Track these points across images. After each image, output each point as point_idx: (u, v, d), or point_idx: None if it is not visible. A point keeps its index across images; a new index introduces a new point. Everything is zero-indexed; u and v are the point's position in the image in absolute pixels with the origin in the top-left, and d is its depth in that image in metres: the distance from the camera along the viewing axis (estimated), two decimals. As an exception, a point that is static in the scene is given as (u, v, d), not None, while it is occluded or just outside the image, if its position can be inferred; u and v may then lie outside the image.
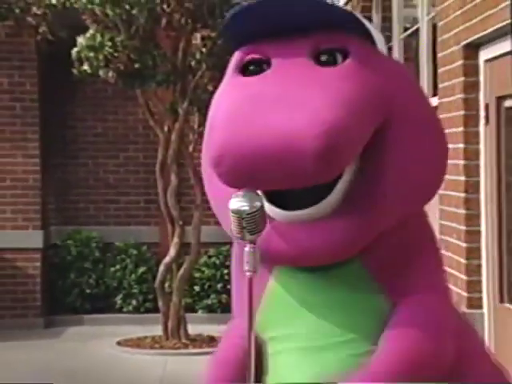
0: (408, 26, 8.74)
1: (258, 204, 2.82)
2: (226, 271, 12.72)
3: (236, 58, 3.13)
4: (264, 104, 2.94)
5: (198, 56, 10.75)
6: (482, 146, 5.93)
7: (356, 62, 2.98)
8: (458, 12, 6.04)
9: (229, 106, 2.95)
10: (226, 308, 12.60)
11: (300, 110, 2.85)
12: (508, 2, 4.99)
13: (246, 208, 2.82)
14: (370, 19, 8.41)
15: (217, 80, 11.08)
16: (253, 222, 2.84)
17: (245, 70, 3.08)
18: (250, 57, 3.07)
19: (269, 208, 2.95)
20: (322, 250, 2.93)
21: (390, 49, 7.47)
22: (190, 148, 11.24)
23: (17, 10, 10.99)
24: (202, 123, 11.28)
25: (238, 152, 2.85)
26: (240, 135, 2.86)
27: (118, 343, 11.48)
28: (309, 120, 2.79)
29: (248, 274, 2.91)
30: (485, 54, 5.85)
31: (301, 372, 3.07)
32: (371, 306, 3.04)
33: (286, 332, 3.06)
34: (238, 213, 2.83)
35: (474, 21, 5.66)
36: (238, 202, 2.83)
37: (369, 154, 2.95)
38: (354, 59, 2.97)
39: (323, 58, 2.98)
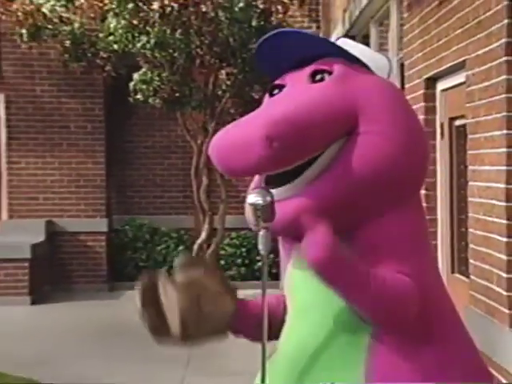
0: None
1: (268, 199, 2.84)
2: (243, 250, 12.74)
3: (271, 85, 3.14)
4: (245, 118, 2.95)
5: (223, 87, 10.73)
6: (438, 155, 5.86)
7: (333, 79, 2.94)
8: (420, 54, 5.99)
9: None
10: (244, 278, 12.58)
11: (264, 113, 2.87)
12: (459, 46, 4.98)
13: (260, 202, 2.83)
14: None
15: (237, 105, 11.11)
16: (265, 213, 2.86)
17: (271, 92, 3.10)
18: (273, 83, 3.10)
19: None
20: (279, 222, 2.81)
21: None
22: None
23: (89, 54, 10.98)
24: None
25: (212, 151, 2.88)
26: (216, 140, 2.87)
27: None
28: (263, 118, 2.79)
29: (262, 252, 2.94)
30: (440, 86, 5.80)
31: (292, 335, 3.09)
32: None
33: (294, 298, 3.06)
34: (254, 205, 2.85)
35: (432, 61, 5.62)
36: (253, 197, 2.85)
37: (343, 147, 2.94)
38: (332, 77, 2.94)
39: (317, 77, 2.96)
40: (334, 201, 2.90)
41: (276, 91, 3.06)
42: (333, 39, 3.14)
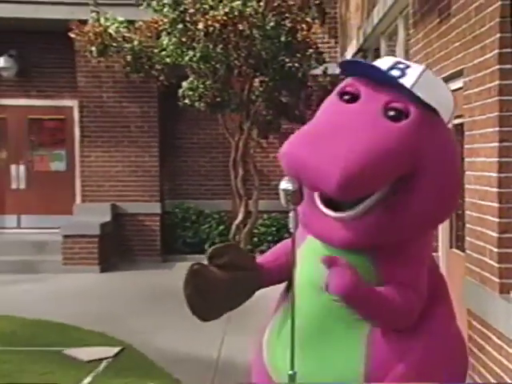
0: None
1: (296, 186, 2.80)
2: (273, 229, 12.73)
3: (341, 85, 2.97)
4: (324, 137, 2.77)
5: (256, 93, 10.70)
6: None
7: (407, 124, 2.75)
8: (422, 62, 5.95)
9: (311, 127, 2.88)
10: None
11: (340, 148, 2.68)
12: (458, 57, 4.91)
13: (290, 188, 2.80)
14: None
15: (268, 108, 11.04)
16: (294, 197, 2.82)
17: (341, 95, 2.94)
18: (347, 88, 2.92)
19: (323, 207, 2.90)
20: (336, 240, 2.86)
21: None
22: (251, 151, 11.20)
23: (146, 67, 11.00)
24: (259, 135, 11.30)
25: (291, 156, 2.80)
26: (298, 147, 2.79)
27: (207, 273, 11.44)
28: (339, 163, 2.63)
29: (292, 229, 2.89)
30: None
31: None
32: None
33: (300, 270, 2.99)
34: (285, 191, 2.82)
35: (434, 69, 5.56)
36: (285, 183, 2.82)
37: (397, 189, 2.83)
38: (408, 122, 2.75)
39: (390, 113, 2.77)
40: (382, 231, 2.84)
41: (347, 97, 2.92)
42: (411, 78, 2.80)
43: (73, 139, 13.58)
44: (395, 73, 2.84)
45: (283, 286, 3.33)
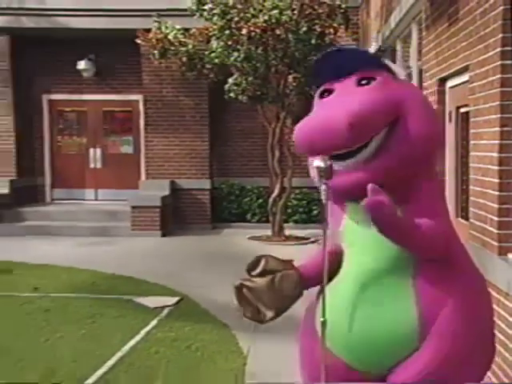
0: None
1: (328, 163, 2.77)
2: (304, 202, 12.72)
3: (319, 90, 3.05)
4: (323, 108, 2.91)
5: (290, 87, 10.64)
6: (447, 134, 5.77)
7: (378, 83, 2.89)
8: (434, 61, 5.86)
9: (307, 117, 2.93)
10: (304, 221, 12.59)
11: (340, 106, 2.76)
12: (464, 54, 4.82)
13: (322, 165, 2.77)
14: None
15: (300, 100, 10.97)
16: (326, 173, 2.79)
17: (322, 95, 3.01)
18: (323, 89, 3.02)
19: (334, 163, 2.89)
20: (350, 184, 2.84)
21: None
22: (286, 137, 11.16)
23: (198, 66, 11.03)
24: (292, 123, 11.25)
25: (299, 136, 2.84)
26: (301, 127, 2.83)
27: (249, 238, 11.44)
28: (343, 110, 2.71)
29: (324, 201, 2.86)
30: (449, 84, 5.66)
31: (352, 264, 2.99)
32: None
33: (351, 245, 2.98)
34: (318, 168, 2.79)
35: (443, 66, 5.49)
36: (318, 161, 2.79)
37: (388, 133, 2.87)
38: (377, 82, 2.90)
39: (362, 82, 2.91)
40: (386, 172, 2.84)
41: (325, 94, 3.01)
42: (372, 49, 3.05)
43: (138, 127, 13.67)
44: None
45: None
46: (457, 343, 2.81)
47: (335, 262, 3.01)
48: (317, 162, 2.80)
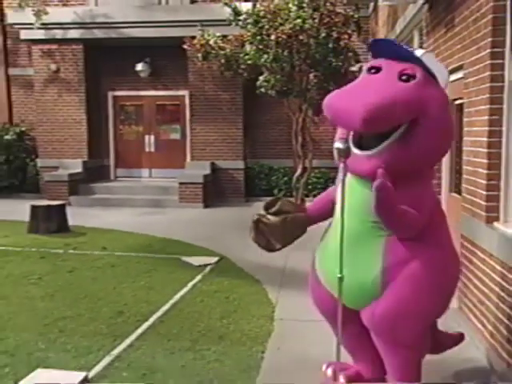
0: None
1: (346, 145, 2.76)
2: (322, 180, 12.64)
3: (368, 63, 3.02)
4: (353, 89, 2.86)
5: (311, 84, 10.54)
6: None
7: (414, 83, 2.82)
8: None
9: (344, 88, 2.91)
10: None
11: (364, 97, 2.72)
12: (459, 55, 4.74)
13: (342, 147, 2.76)
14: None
15: (320, 95, 10.84)
16: (345, 153, 2.78)
17: (369, 70, 2.97)
18: (371, 65, 2.98)
19: (354, 149, 2.89)
20: (364, 171, 2.86)
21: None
22: (307, 125, 11.08)
23: (234, 67, 10.96)
24: (312, 114, 11.15)
25: (327, 107, 2.84)
26: (331, 100, 2.82)
27: (276, 209, 11.45)
28: (363, 102, 2.68)
29: (341, 177, 2.85)
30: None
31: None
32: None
33: (341, 204, 2.98)
34: (338, 149, 2.78)
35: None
36: (338, 143, 2.79)
37: (408, 130, 2.83)
38: (415, 82, 2.83)
39: (403, 77, 2.85)
40: (396, 164, 2.83)
41: (373, 71, 2.95)
42: (419, 52, 2.98)
43: (185, 117, 13.67)
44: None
45: (330, 219, 3.33)
46: (408, 297, 2.87)
47: (331, 207, 3.20)
48: (337, 144, 2.80)
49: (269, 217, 3.27)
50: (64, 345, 4.27)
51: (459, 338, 3.64)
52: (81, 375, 3.66)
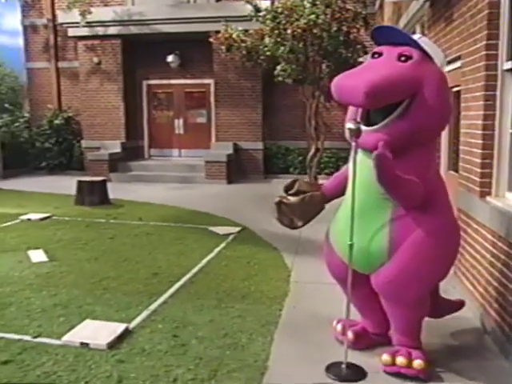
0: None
1: (357, 125, 2.75)
2: (333, 159, 12.56)
3: (373, 51, 3.00)
4: (357, 70, 2.84)
5: (324, 73, 10.43)
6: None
7: (411, 63, 2.81)
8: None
9: (351, 70, 2.90)
10: (333, 173, 12.49)
11: (365, 76, 2.71)
12: (457, 47, 4.66)
13: (353, 127, 2.76)
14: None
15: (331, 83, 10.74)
16: (356, 133, 2.78)
17: (373, 55, 2.97)
18: (375, 50, 2.98)
19: (362, 126, 2.87)
20: (370, 145, 2.80)
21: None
22: (320, 110, 10.98)
23: (255, 58, 10.86)
24: (324, 100, 11.04)
25: (334, 87, 2.79)
26: (338, 81, 2.79)
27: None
28: (364, 80, 2.66)
29: (352, 155, 2.84)
30: (445, 69, 5.50)
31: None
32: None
33: (352, 179, 2.96)
34: (350, 129, 2.78)
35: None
36: (350, 124, 2.79)
37: (409, 105, 2.82)
38: (411, 62, 2.81)
39: (402, 58, 2.83)
40: (398, 136, 2.81)
41: (376, 55, 2.94)
42: (416, 36, 2.97)
43: (210, 103, 13.65)
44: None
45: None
46: (412, 262, 2.87)
47: (345, 184, 3.15)
48: (349, 124, 2.80)
49: (289, 198, 3.28)
50: (108, 300, 4.37)
51: (460, 304, 3.65)
52: (122, 326, 3.75)
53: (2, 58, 28.16)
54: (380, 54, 2.93)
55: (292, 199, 3.23)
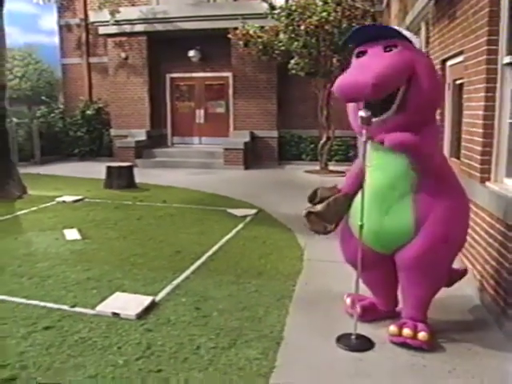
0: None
1: (368, 113, 2.76)
2: (343, 147, 12.47)
3: (355, 51, 2.98)
4: (355, 69, 2.81)
5: (334, 66, 10.35)
6: (446, 98, 5.57)
7: (398, 50, 2.81)
8: (438, 47, 5.61)
9: (345, 73, 2.89)
10: (342, 160, 12.43)
11: (367, 69, 2.70)
12: (460, 42, 4.60)
13: (364, 115, 2.76)
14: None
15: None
16: (367, 121, 2.78)
17: (357, 55, 2.94)
18: (358, 50, 2.96)
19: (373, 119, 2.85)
20: (378, 134, 2.83)
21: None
22: (331, 101, 10.91)
23: (270, 52, 10.86)
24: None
25: (338, 88, 2.77)
26: (340, 81, 2.77)
27: (304, 171, 11.40)
28: (369, 72, 2.65)
29: (363, 140, 2.85)
30: (449, 63, 5.43)
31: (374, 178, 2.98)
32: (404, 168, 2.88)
33: (371, 166, 2.98)
34: (361, 117, 2.78)
35: (444, 51, 5.25)
36: (361, 112, 2.79)
37: (406, 91, 2.82)
38: (398, 49, 2.82)
39: (387, 49, 2.84)
40: (404, 122, 2.81)
41: (361, 55, 2.94)
42: (397, 27, 2.98)
43: (228, 95, 13.60)
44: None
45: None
46: (438, 235, 2.89)
47: (360, 179, 3.10)
48: (361, 113, 2.80)
49: (315, 207, 3.27)
50: (135, 275, 4.44)
51: (464, 271, 3.68)
52: (149, 299, 3.82)
53: (39, 55, 28.42)
54: (364, 53, 2.92)
55: (318, 207, 3.21)
